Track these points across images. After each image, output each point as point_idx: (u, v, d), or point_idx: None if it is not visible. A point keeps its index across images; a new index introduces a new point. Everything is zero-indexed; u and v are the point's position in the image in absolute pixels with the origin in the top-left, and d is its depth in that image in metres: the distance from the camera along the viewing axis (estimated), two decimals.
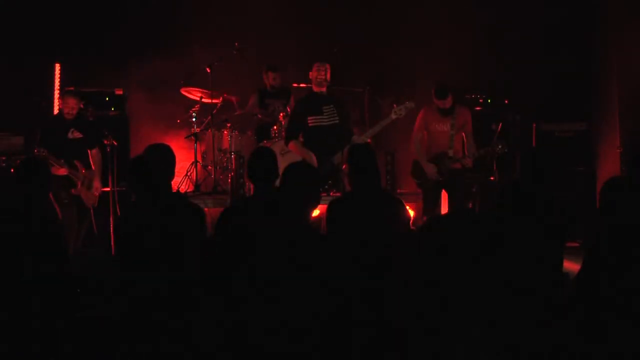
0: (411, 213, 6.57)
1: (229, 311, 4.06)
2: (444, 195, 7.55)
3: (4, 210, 4.36)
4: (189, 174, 8.89)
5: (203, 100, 9.01)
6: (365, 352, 4.01)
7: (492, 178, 7.88)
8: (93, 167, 7.43)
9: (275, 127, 8.35)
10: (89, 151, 7.50)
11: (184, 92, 9.19)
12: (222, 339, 4.01)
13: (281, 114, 8.39)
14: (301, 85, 8.91)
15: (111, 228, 7.10)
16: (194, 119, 8.97)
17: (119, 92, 8.62)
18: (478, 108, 8.76)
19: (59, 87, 8.64)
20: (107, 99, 8.48)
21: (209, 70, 8.80)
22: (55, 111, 8.46)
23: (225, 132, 8.81)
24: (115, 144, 7.53)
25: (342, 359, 4.02)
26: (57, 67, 8.69)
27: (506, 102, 8.72)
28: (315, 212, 5.95)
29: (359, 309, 4.15)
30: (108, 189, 7.42)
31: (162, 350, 4.05)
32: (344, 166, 6.20)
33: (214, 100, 8.94)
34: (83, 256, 7.15)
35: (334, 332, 4.05)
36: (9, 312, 4.05)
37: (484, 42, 8.86)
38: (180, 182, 8.74)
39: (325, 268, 4.15)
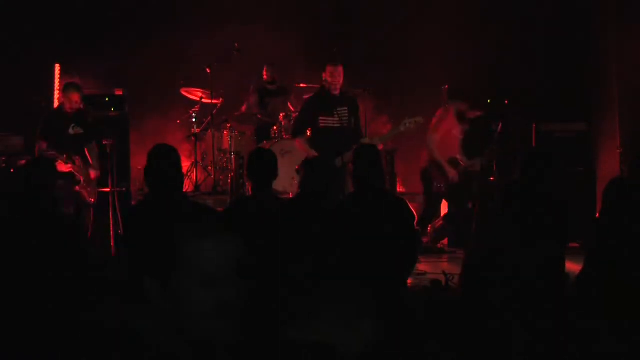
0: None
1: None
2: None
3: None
4: (189, 174, 8.88)
5: (203, 100, 9.01)
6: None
7: (491, 178, 7.87)
8: (90, 161, 7.39)
9: (275, 128, 8.33)
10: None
11: (184, 92, 9.18)
12: None
13: (281, 114, 8.38)
14: (301, 85, 8.90)
15: (111, 228, 7.09)
16: (194, 119, 8.97)
17: (119, 92, 8.60)
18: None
19: (59, 87, 8.62)
20: (107, 99, 8.46)
21: (209, 71, 8.79)
22: None
23: (225, 132, 8.81)
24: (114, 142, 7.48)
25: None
26: (57, 67, 8.68)
27: (506, 102, 8.71)
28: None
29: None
30: (108, 189, 7.40)
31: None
32: (349, 166, 6.17)
33: (214, 101, 8.94)
34: None
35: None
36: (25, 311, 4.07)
37: (484, 43, 8.85)
38: None
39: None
